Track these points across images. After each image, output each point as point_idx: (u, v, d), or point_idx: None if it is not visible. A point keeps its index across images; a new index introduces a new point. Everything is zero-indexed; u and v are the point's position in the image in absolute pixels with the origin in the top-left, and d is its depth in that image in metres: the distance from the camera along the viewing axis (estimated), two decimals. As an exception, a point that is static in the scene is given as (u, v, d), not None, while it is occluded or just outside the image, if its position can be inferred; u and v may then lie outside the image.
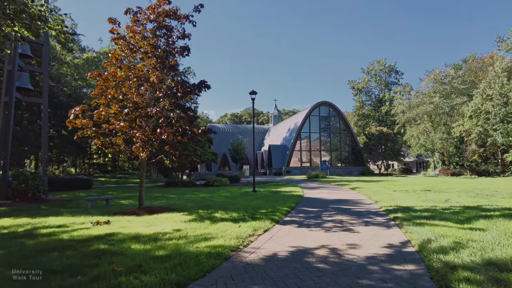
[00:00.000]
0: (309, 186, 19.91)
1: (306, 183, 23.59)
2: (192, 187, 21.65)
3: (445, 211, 8.28)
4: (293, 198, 12.71)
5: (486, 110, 39.29)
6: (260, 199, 12.80)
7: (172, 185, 23.04)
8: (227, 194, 15.45)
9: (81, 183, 22.92)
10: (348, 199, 12.60)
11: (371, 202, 11.39)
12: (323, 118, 46.93)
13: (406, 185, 18.33)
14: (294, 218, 8.22)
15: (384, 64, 67.97)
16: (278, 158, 45.54)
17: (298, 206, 10.59)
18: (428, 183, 20.08)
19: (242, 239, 5.77)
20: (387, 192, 14.04)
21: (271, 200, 12.22)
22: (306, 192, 15.76)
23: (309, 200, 12.43)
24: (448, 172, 43.39)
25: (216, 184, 22.25)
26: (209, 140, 24.10)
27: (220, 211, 9.45)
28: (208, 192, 16.85)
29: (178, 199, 13.79)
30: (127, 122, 9.49)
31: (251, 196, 14.32)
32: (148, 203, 12.72)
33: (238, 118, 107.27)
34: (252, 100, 17.16)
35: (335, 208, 10.04)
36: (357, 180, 25.13)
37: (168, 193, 17.22)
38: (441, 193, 13.18)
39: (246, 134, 60.94)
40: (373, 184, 19.95)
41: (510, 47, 45.08)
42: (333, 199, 12.59)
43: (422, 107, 47.24)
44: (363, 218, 7.96)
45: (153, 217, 8.85)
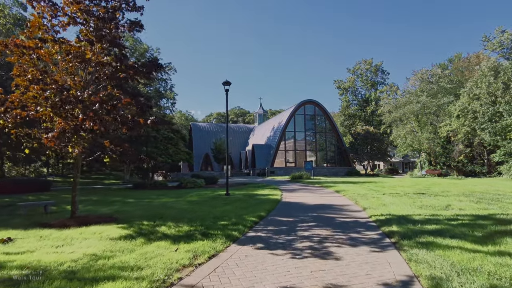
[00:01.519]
0: (290, 188, 18.07)
1: (288, 184, 21.76)
2: (162, 189, 19.50)
3: (452, 223, 6.51)
4: (268, 204, 10.80)
5: (474, 109, 38.58)
6: (230, 205, 10.84)
7: (141, 188, 20.82)
8: (194, 199, 13.41)
9: (38, 185, 20.39)
10: (332, 204, 10.78)
11: (359, 208, 9.58)
12: (308, 117, 45.30)
13: (395, 187, 16.71)
14: (260, 234, 6.28)
15: (370, 64, 67.07)
16: (262, 158, 43.65)
17: (270, 215, 8.66)
18: (418, 185, 18.54)
19: (168, 275, 3.81)
20: (376, 196, 12.30)
21: (241, 207, 10.27)
22: (285, 196, 13.89)
23: (286, 206, 10.54)
24: (435, 173, 42.53)
25: (190, 186, 20.16)
26: (182, 138, 21.96)
27: (170, 223, 7.44)
28: (175, 196, 14.77)
29: (133, 205, 11.68)
30: (50, 108, 7.35)
31: (221, 200, 12.34)
32: (95, 210, 10.60)
33: (225, 118, 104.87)
34: (225, 92, 15.16)
35: (315, 217, 8.16)
36: (342, 181, 23.47)
37: (128, 197, 15.05)
38: (437, 197, 11.52)
39: (230, 134, 58.82)
40: (360, 186, 18.28)
41: (496, 47, 44.68)
42: (314, 205, 10.74)
43: (409, 106, 46.32)
44: (349, 233, 6.10)
45: (79, 231, 6.79)
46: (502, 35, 43.85)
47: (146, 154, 20.05)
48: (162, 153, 20.31)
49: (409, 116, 48.37)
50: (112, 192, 18.86)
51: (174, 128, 21.61)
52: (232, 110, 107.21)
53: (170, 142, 21.13)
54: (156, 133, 20.36)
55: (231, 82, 15.08)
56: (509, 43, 43.75)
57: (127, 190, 20.31)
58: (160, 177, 34.73)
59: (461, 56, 52.73)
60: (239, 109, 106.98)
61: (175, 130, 21.56)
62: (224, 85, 15.03)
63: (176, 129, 21.63)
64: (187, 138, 22.26)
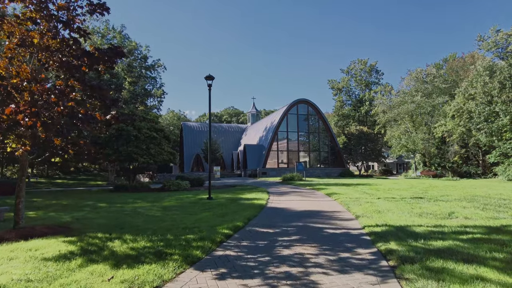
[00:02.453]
0: (280, 191, 16.96)
1: (278, 186, 20.65)
2: (143, 192, 18.24)
3: (462, 237, 5.44)
4: (251, 210, 9.65)
5: (469, 109, 37.93)
6: (208, 211, 9.67)
7: (121, 190, 19.53)
8: (171, 204, 12.21)
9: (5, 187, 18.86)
10: (321, 210, 9.67)
11: (351, 216, 8.49)
12: (301, 117, 44.25)
13: (390, 190, 15.68)
14: (229, 252, 5.13)
15: (365, 63, 66.36)
16: (254, 158, 42.49)
17: (249, 225, 7.52)
18: (414, 187, 17.57)
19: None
20: (370, 200, 11.24)
21: (219, 214, 9.11)
22: (272, 200, 12.76)
23: (271, 213, 9.40)
24: (430, 174, 41.79)
25: (173, 188, 18.93)
26: (165, 137, 20.68)
27: (128, 236, 6.27)
28: (152, 200, 13.54)
29: (101, 211, 10.45)
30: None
31: (199, 206, 11.17)
32: (55, 217, 9.35)
33: (218, 118, 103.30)
34: (208, 87, 13.99)
35: (300, 228, 7.05)
36: (335, 183, 22.43)
37: (102, 201, 13.79)
38: (437, 202, 10.48)
39: (222, 133, 57.63)
40: (353, 188, 17.24)
41: (491, 46, 44.12)
42: (301, 211, 9.62)
43: (404, 106, 45.60)
44: (338, 252, 4.98)
45: (12, 247, 5.61)
46: (497, 35, 43.30)
47: (127, 154, 18.81)
48: (144, 153, 19.06)
49: (404, 117, 47.66)
50: (89, 195, 17.56)
51: (157, 127, 20.34)
52: (225, 110, 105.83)
53: (152, 142, 19.88)
54: (138, 132, 19.11)
55: (214, 77, 13.93)
56: (504, 43, 43.24)
57: (106, 192, 19.00)
58: (146, 179, 33.45)
59: (455, 56, 52.19)
60: (233, 109, 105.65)
61: (158, 129, 20.29)
62: (207, 80, 13.89)
63: (160, 128, 20.35)
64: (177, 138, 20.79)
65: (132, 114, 18.79)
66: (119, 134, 18.77)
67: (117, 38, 44.08)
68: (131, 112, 20.27)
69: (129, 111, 20.65)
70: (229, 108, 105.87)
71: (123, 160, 19.13)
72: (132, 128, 18.88)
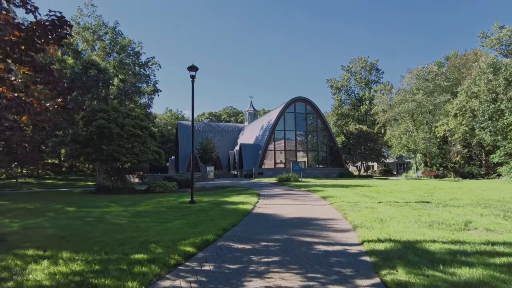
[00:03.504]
0: (272, 193, 15.62)
1: (272, 188, 19.32)
2: (125, 194, 16.90)
3: (493, 261, 4.09)
4: (232, 217, 8.30)
5: (472, 108, 36.62)
6: (181, 219, 8.33)
7: (103, 192, 18.18)
8: (147, 208, 10.87)
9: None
10: (314, 218, 8.32)
11: (347, 226, 7.15)
12: (299, 116, 42.84)
13: (392, 193, 14.34)
14: (179, 284, 3.79)
15: (366, 62, 64.96)
16: (250, 158, 41.13)
17: (223, 238, 6.17)
18: (418, 189, 16.24)
19: None
20: (370, 205, 9.90)
21: (193, 222, 7.77)
22: (261, 204, 11.42)
23: (254, 221, 8.06)
24: (431, 174, 40.48)
25: (159, 190, 17.58)
26: (151, 135, 19.30)
27: (65, 253, 4.97)
28: (128, 204, 12.19)
29: (61, 217, 9.11)
30: None
31: (176, 212, 9.82)
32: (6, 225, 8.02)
33: (217, 118, 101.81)
34: (191, 79, 12.63)
35: (284, 242, 5.70)
36: (332, 184, 21.09)
37: (73, 205, 12.43)
38: (447, 207, 9.15)
39: (219, 133, 56.28)
40: (352, 190, 15.91)
41: (494, 43, 42.84)
42: (291, 218, 8.29)
43: (405, 105, 44.24)
44: (327, 285, 3.64)
45: None
46: (500, 32, 42.03)
47: (109, 153, 17.47)
48: (127, 152, 17.71)
49: (404, 115, 46.33)
50: (65, 197, 16.21)
51: (142, 124, 18.98)
52: (224, 110, 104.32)
53: (137, 140, 18.53)
54: (120, 129, 17.76)
55: (197, 67, 12.58)
56: (508, 39, 41.97)
57: (86, 194, 17.64)
58: (136, 179, 32.07)
59: (458, 53, 50.84)
60: (232, 109, 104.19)
61: (143, 126, 18.92)
62: (190, 70, 12.52)
63: (145, 125, 18.98)
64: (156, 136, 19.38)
65: (132, 112, 17.47)
66: (100, 132, 17.42)
67: (109, 34, 42.72)
68: (113, 108, 18.88)
69: (112, 106, 19.25)
70: (228, 108, 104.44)
71: (105, 159, 17.78)
72: (114, 125, 17.53)
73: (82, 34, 42.69)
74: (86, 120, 18.28)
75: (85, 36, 42.54)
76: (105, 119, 17.83)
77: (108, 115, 18.30)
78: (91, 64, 26.22)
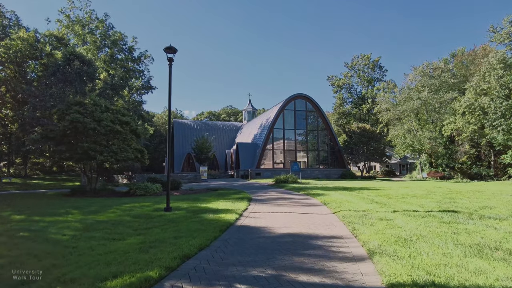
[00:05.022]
0: (265, 197, 13.62)
1: (267, 190, 17.33)
2: (100, 197, 14.92)
3: None
4: (206, 234, 6.32)
5: (482, 105, 34.55)
6: (141, 235, 6.34)
7: (77, 194, 16.22)
8: (111, 217, 8.88)
9: None
10: (313, 235, 6.33)
11: (360, 251, 5.15)
12: (299, 114, 40.77)
13: (405, 198, 12.32)
14: None
15: (368, 59, 62.87)
16: (247, 158, 39.09)
17: (174, 275, 4.14)
18: (433, 193, 14.19)
19: None
20: (384, 215, 7.92)
21: (150, 242, 5.77)
22: (249, 212, 9.43)
23: (233, 241, 6.06)
24: (437, 175, 38.48)
25: (139, 192, 15.59)
26: (133, 131, 17.29)
27: None
28: (92, 211, 10.20)
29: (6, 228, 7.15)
30: None
31: (141, 223, 7.83)
32: None
33: (216, 117, 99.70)
34: (169, 62, 10.62)
35: (268, 284, 3.72)
36: (335, 187, 19.08)
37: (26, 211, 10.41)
38: (484, 220, 7.15)
39: (216, 131, 54.30)
40: (357, 194, 13.92)
41: (504, 38, 40.74)
42: (282, 235, 6.30)
43: (409, 103, 42.18)
44: None
45: None
46: (510, 26, 39.97)
47: (83, 151, 15.50)
48: (104, 150, 15.73)
49: (409, 114, 44.27)
50: (30, 200, 14.18)
51: (123, 119, 17.00)
52: (224, 109, 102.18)
53: (116, 137, 16.56)
54: (97, 124, 15.79)
55: (177, 49, 10.60)
56: (519, 34, 39.91)
57: (56, 197, 15.64)
58: (125, 180, 30.14)
59: (464, 50, 48.70)
60: (231, 108, 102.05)
61: (124, 122, 16.94)
62: (167, 52, 10.54)
63: (126, 121, 16.99)
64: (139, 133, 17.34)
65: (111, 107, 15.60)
66: (74, 127, 15.45)
67: (100, 28, 40.78)
68: (92, 101, 16.93)
69: (90, 99, 17.30)
70: (228, 108, 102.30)
71: (79, 158, 15.80)
72: (89, 120, 15.56)
73: (72, 28, 40.78)
74: (59, 114, 16.32)
75: (75, 29, 40.63)
76: (80, 113, 15.86)
77: (84, 108, 16.33)
78: (75, 56, 24.21)
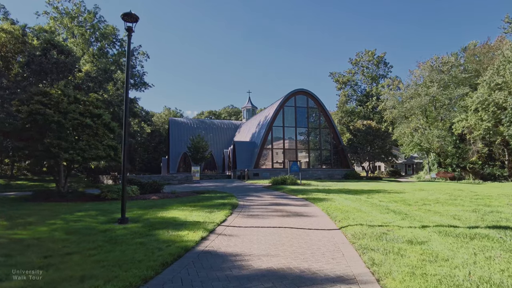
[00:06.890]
0: (256, 203, 11.31)
1: (260, 194, 15.01)
2: (67, 202, 12.67)
3: None
4: (140, 270, 4.03)
5: (496, 101, 32.01)
6: (50, 269, 4.05)
7: (40, 198, 13.96)
8: (42, 231, 6.59)
9: None
10: (308, 276, 4.00)
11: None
12: (300, 110, 38.37)
13: (428, 205, 9.96)
14: None
15: (373, 55, 60.38)
16: (245, 158, 36.76)
17: None
18: (457, 197, 11.81)
19: None
20: (414, 237, 5.59)
21: (52, 282, 3.49)
22: (227, 224, 7.11)
23: (171, 287, 3.77)
24: (447, 176, 35.88)
25: (111, 196, 13.32)
26: (105, 125, 14.98)
27: None
28: (33, 221, 7.92)
29: None
30: None
31: (72, 244, 5.53)
32: None
33: (216, 116, 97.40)
34: (127, 32, 8.33)
35: None
36: (338, 189, 16.73)
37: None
38: None
39: (213, 130, 52.04)
40: (366, 199, 11.58)
41: (521, 29, 38.26)
42: (259, 275, 3.97)
43: (417, 99, 39.67)
44: None
45: None
46: (528, 16, 37.47)
47: (45, 148, 13.26)
48: (69, 147, 13.48)
49: (416, 111, 41.76)
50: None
51: (95, 112, 14.73)
52: (224, 109, 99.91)
53: (85, 132, 14.30)
54: (63, 117, 13.54)
55: (138, 17, 8.32)
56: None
57: (9, 202, 13.37)
58: (110, 181, 27.94)
59: (477, 44, 46.06)
60: (232, 108, 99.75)
61: (95, 114, 14.67)
62: (125, 21, 8.25)
63: (97, 113, 14.73)
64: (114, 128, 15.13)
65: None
66: (33, 120, 13.21)
67: (89, 21, 38.64)
68: (60, 91, 14.68)
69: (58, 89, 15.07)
70: (228, 107, 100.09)
71: (39, 156, 13.58)
72: (52, 112, 13.30)
73: (61, 21, 38.70)
74: (19, 105, 14.08)
75: (64, 22, 38.54)
76: (43, 104, 13.62)
77: (49, 99, 14.08)
78: (52, 45, 22.01)
